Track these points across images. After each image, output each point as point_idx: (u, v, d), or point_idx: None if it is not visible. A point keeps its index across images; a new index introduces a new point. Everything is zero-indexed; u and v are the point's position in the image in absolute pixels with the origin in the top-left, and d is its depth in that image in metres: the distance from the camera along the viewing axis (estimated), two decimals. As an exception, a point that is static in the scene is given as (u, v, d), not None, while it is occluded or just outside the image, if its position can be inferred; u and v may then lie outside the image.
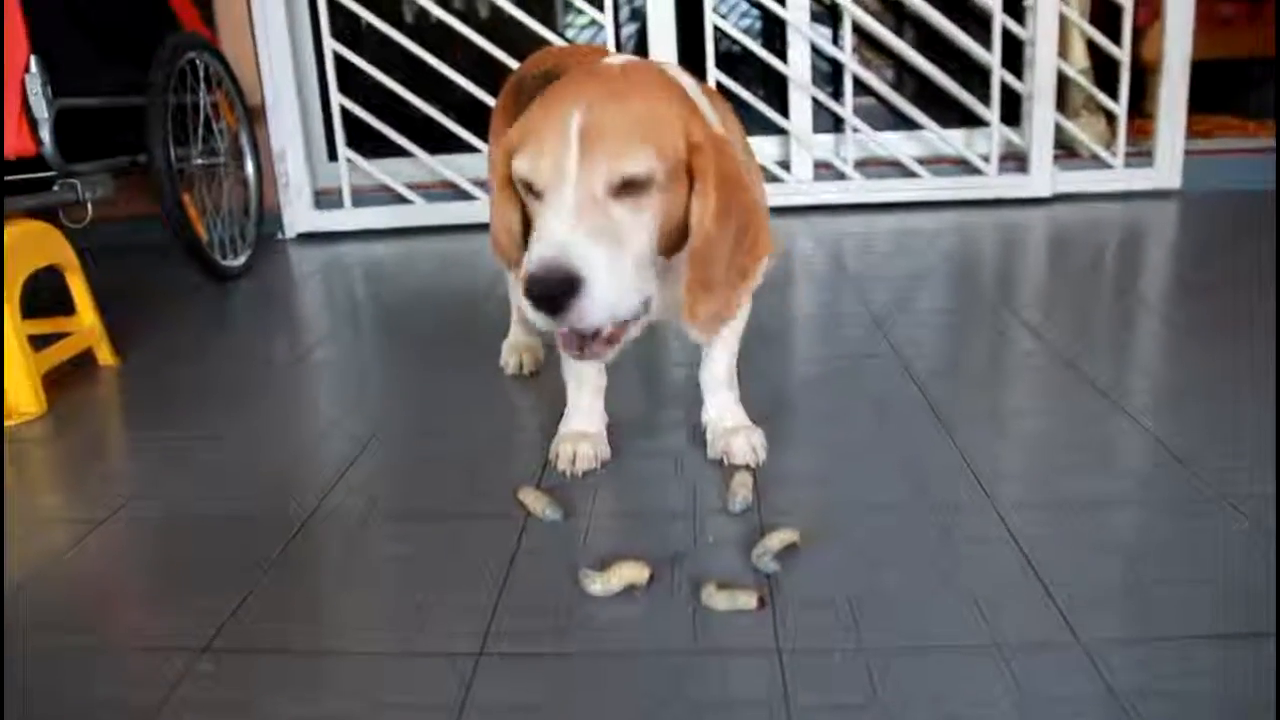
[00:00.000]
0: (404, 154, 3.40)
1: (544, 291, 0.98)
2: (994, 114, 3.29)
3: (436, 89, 3.35)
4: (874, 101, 3.46)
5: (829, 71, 3.54)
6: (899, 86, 3.47)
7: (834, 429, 1.48)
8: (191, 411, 1.70)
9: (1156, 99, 3.32)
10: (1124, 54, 3.25)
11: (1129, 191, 3.37)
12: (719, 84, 3.28)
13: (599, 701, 0.89)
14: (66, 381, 1.87)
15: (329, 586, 1.11)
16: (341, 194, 3.44)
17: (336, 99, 3.33)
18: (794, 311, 2.18)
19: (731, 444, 1.34)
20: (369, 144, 3.42)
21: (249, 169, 3.08)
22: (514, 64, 3.16)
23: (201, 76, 2.74)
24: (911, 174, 3.38)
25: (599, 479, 1.34)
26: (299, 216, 3.44)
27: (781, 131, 3.42)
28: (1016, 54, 3.31)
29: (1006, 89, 3.29)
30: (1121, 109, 3.30)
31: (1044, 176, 3.33)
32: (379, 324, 2.26)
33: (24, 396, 1.72)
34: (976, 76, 3.36)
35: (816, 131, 3.48)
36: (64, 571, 1.17)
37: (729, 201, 1.08)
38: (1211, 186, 3.37)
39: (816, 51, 3.40)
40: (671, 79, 1.16)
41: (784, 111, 3.40)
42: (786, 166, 3.44)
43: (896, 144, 3.43)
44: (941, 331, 1.96)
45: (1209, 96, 3.57)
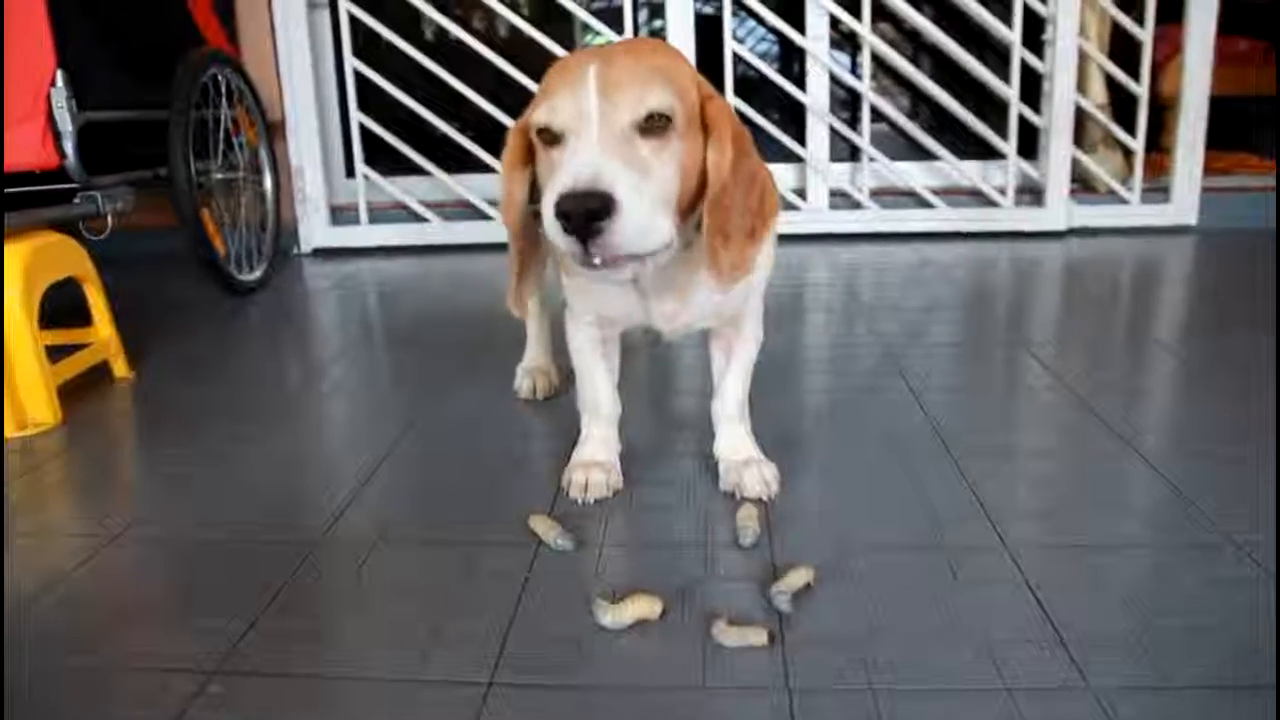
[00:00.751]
0: (421, 172, 3.42)
1: (577, 208, 0.97)
2: (1011, 147, 3.30)
3: (455, 108, 3.37)
4: (889, 129, 3.47)
5: (845, 99, 3.55)
6: (914, 115, 3.48)
7: (845, 463, 1.48)
8: (205, 428, 1.71)
9: (1174, 135, 3.33)
10: (1142, 89, 3.25)
11: (1145, 227, 3.37)
12: (737, 110, 3.29)
13: (607, 737, 0.88)
14: (82, 393, 1.88)
15: (339, 610, 1.11)
16: (358, 210, 3.46)
17: (356, 116, 3.36)
18: (807, 341, 2.19)
19: (744, 477, 1.34)
20: (386, 162, 3.45)
21: (267, 184, 3.10)
22: (532, 86, 3.18)
23: (223, 91, 2.76)
24: (927, 204, 3.39)
25: (611, 508, 1.34)
26: (315, 232, 3.46)
27: (798, 159, 3.43)
28: (1035, 87, 3.32)
29: (1024, 122, 3.30)
30: (1139, 144, 3.30)
31: (1060, 210, 3.33)
32: (393, 343, 2.27)
33: (40, 407, 1.73)
34: (994, 109, 3.37)
35: (833, 160, 3.49)
36: (75, 587, 1.17)
37: (741, 157, 1.12)
38: (1228, 224, 3.37)
39: (834, 79, 3.41)
40: (679, 51, 1.21)
41: (800, 139, 3.41)
42: (802, 195, 3.45)
43: (913, 174, 3.44)
44: (955, 365, 1.96)
45: (1226, 133, 3.57)
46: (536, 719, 0.91)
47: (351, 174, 3.49)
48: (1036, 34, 3.27)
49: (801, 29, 3.32)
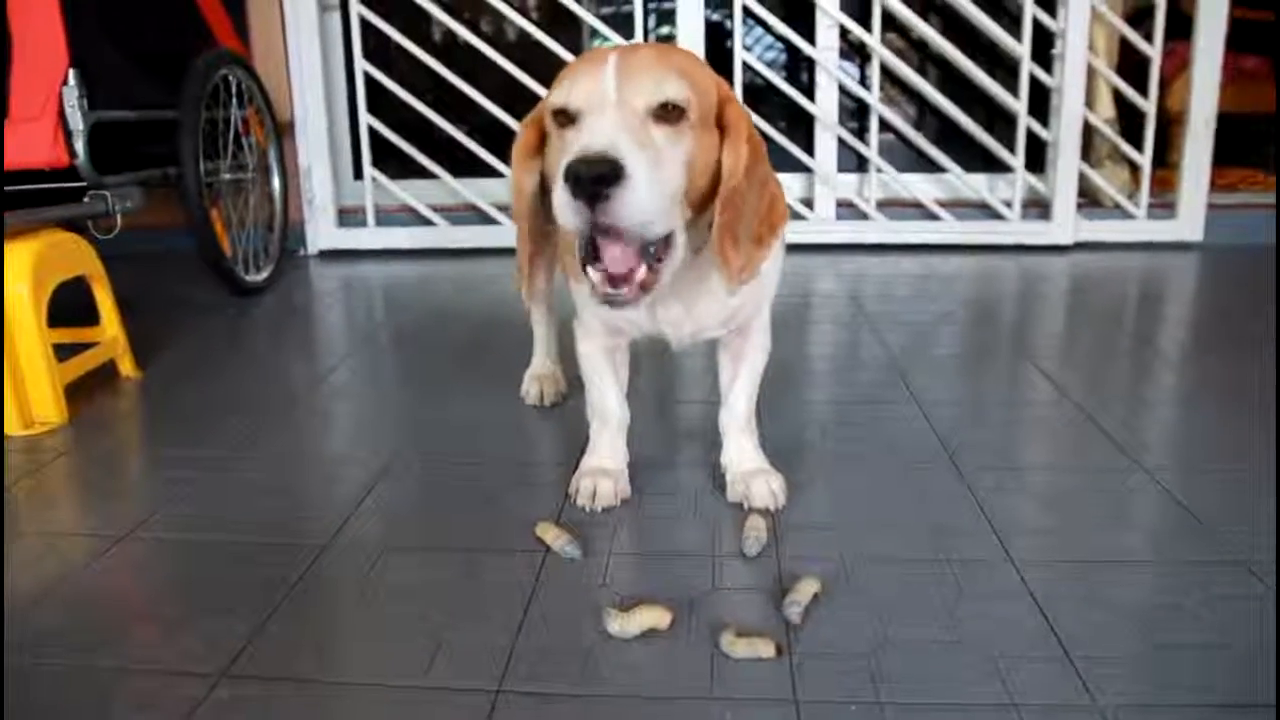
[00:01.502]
0: (429, 176, 3.42)
1: (587, 173, 0.97)
2: (1019, 160, 3.30)
3: (463, 112, 3.38)
4: (897, 140, 3.47)
5: (853, 108, 3.55)
6: (921, 126, 3.48)
7: (852, 475, 1.48)
8: (211, 429, 1.71)
9: (1180, 150, 3.33)
10: (1150, 105, 3.26)
11: (1151, 242, 3.37)
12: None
13: (615, 746, 0.89)
14: (89, 392, 1.89)
15: (347, 615, 1.11)
16: (365, 213, 3.46)
17: (365, 118, 3.36)
18: (813, 352, 2.19)
19: (751, 488, 1.34)
20: (394, 164, 3.45)
21: (275, 184, 3.11)
22: (541, 90, 3.19)
23: (234, 92, 2.77)
24: (934, 216, 3.39)
25: (618, 516, 1.34)
26: (322, 233, 3.47)
27: (805, 169, 3.43)
28: (1043, 101, 3.32)
29: (1031, 136, 3.30)
30: (1146, 160, 3.31)
31: (1066, 224, 3.33)
32: (399, 346, 2.27)
33: (46, 405, 1.73)
34: (1002, 122, 3.37)
35: (840, 170, 3.49)
36: (81, 588, 1.17)
37: (755, 161, 1.14)
38: (1233, 240, 3.37)
39: (842, 90, 3.42)
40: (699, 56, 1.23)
41: (808, 149, 3.42)
42: (810, 205, 3.45)
43: (920, 186, 3.44)
44: (961, 378, 1.96)
45: (1233, 150, 3.58)
46: (544, 727, 0.91)
47: (359, 176, 3.50)
48: (1045, 48, 3.28)
49: (810, 38, 3.32)
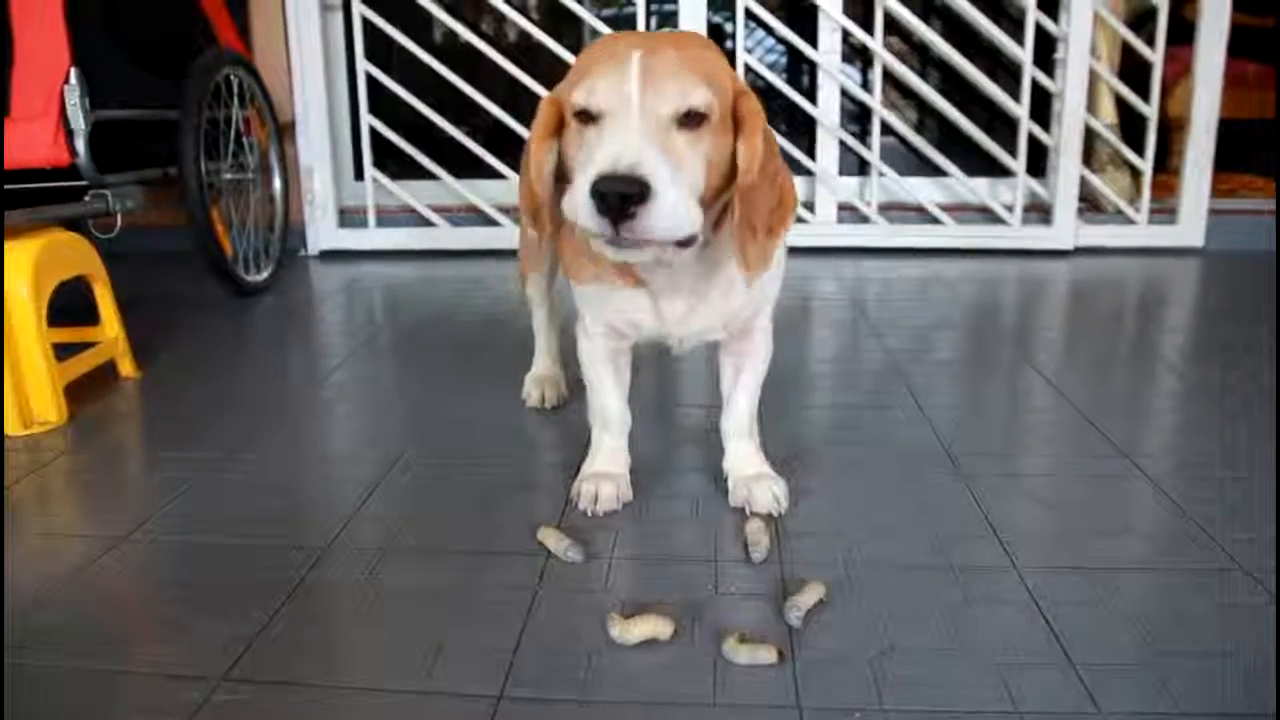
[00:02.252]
0: (430, 176, 3.42)
1: (614, 190, 0.98)
2: (1020, 164, 3.30)
3: (464, 113, 3.37)
4: (898, 143, 3.47)
5: (854, 112, 3.55)
6: (922, 130, 3.48)
7: (855, 481, 1.48)
8: (211, 430, 1.71)
9: (1182, 156, 3.33)
10: (1152, 110, 3.26)
11: (1151, 248, 3.37)
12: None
13: (617, 753, 0.88)
14: (88, 392, 1.88)
15: (348, 619, 1.11)
16: (366, 213, 3.46)
17: (366, 119, 3.36)
18: (814, 356, 2.18)
19: (754, 493, 1.34)
20: (395, 165, 3.45)
21: (276, 185, 3.10)
22: (542, 91, 3.19)
23: (235, 92, 2.76)
24: (935, 220, 3.39)
25: (620, 521, 1.33)
26: (323, 234, 3.46)
27: (807, 172, 3.43)
28: (1044, 106, 3.32)
29: (1033, 140, 3.30)
30: (1147, 165, 3.30)
31: (1067, 229, 3.33)
32: (399, 347, 2.27)
33: (46, 405, 1.72)
34: (1003, 126, 3.37)
35: (841, 174, 3.49)
36: (82, 589, 1.17)
37: (769, 155, 1.14)
38: (1234, 246, 3.37)
39: (844, 93, 3.41)
40: (714, 43, 1.23)
41: (809, 151, 3.42)
42: (811, 208, 3.45)
43: (921, 190, 3.44)
44: (962, 382, 1.96)
45: (1234, 156, 3.58)
46: (546, 733, 0.90)
47: (360, 177, 3.49)
48: (1047, 52, 3.28)
49: (812, 41, 3.32)
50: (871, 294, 2.79)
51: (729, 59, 3.23)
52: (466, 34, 3.30)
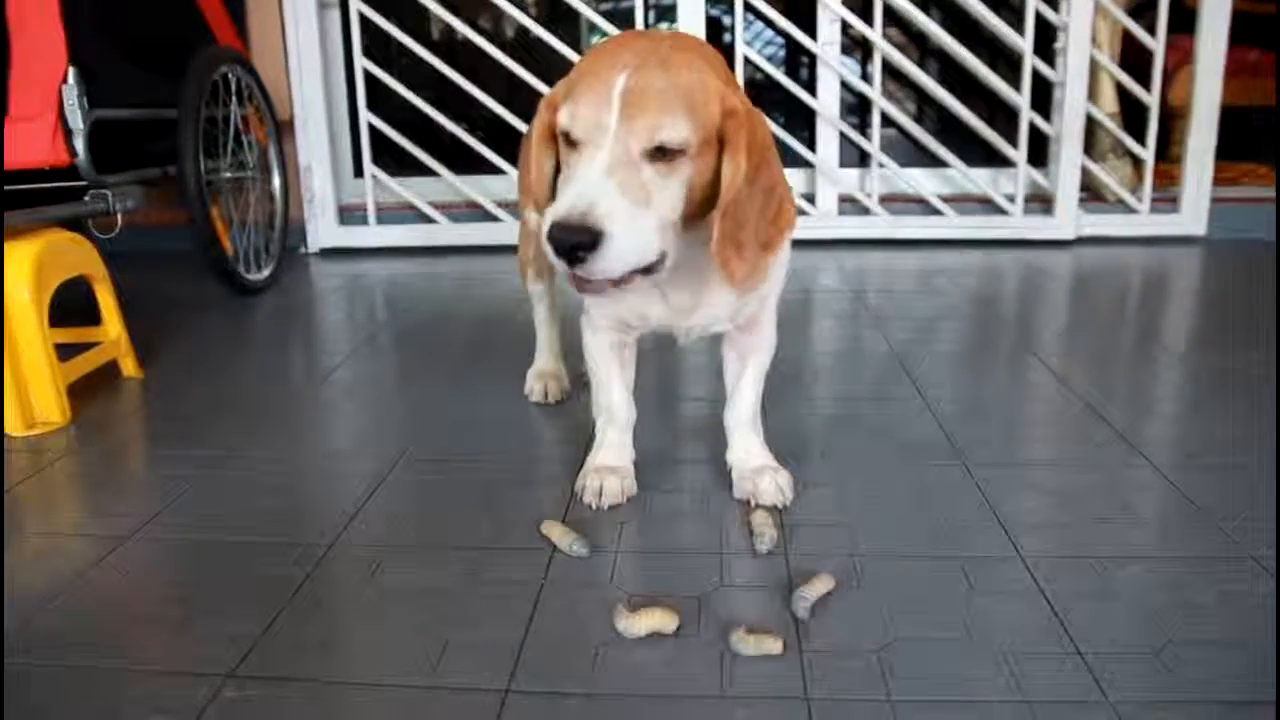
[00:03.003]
0: (429, 173, 3.41)
1: (564, 241, 1.02)
2: (1021, 154, 3.29)
3: (463, 109, 3.37)
4: (898, 134, 3.47)
5: (854, 103, 3.54)
6: (922, 121, 3.48)
7: (859, 472, 1.47)
8: (214, 429, 1.70)
9: (1183, 144, 3.32)
10: (1153, 98, 3.25)
11: (1154, 237, 3.36)
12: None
13: (625, 746, 0.88)
14: (91, 392, 1.88)
15: (354, 615, 1.11)
16: (366, 211, 3.46)
17: (365, 116, 3.35)
18: (817, 348, 2.18)
19: (759, 484, 1.34)
20: (395, 162, 3.44)
21: (276, 183, 3.10)
22: (541, 86, 3.18)
23: (233, 90, 2.76)
24: (936, 211, 3.38)
25: (625, 514, 1.33)
26: (323, 231, 3.46)
27: (807, 164, 3.43)
28: (1045, 95, 3.32)
29: (1034, 130, 3.29)
30: (1149, 154, 3.30)
31: (1069, 219, 3.32)
32: (401, 344, 2.27)
33: (49, 406, 1.72)
34: (1004, 116, 3.37)
35: (842, 165, 3.49)
36: (88, 589, 1.16)
37: (757, 169, 1.12)
38: (1236, 234, 3.36)
39: (844, 85, 3.41)
40: (715, 50, 1.20)
41: (809, 143, 3.41)
42: (811, 200, 3.45)
43: (922, 181, 3.43)
44: (965, 373, 1.96)
45: (1235, 144, 3.57)
46: (554, 727, 0.90)
47: (360, 174, 3.48)
48: (1047, 42, 3.27)
49: (811, 33, 3.31)
50: (873, 286, 2.78)
51: (728, 53, 3.22)
52: (465, 29, 3.30)
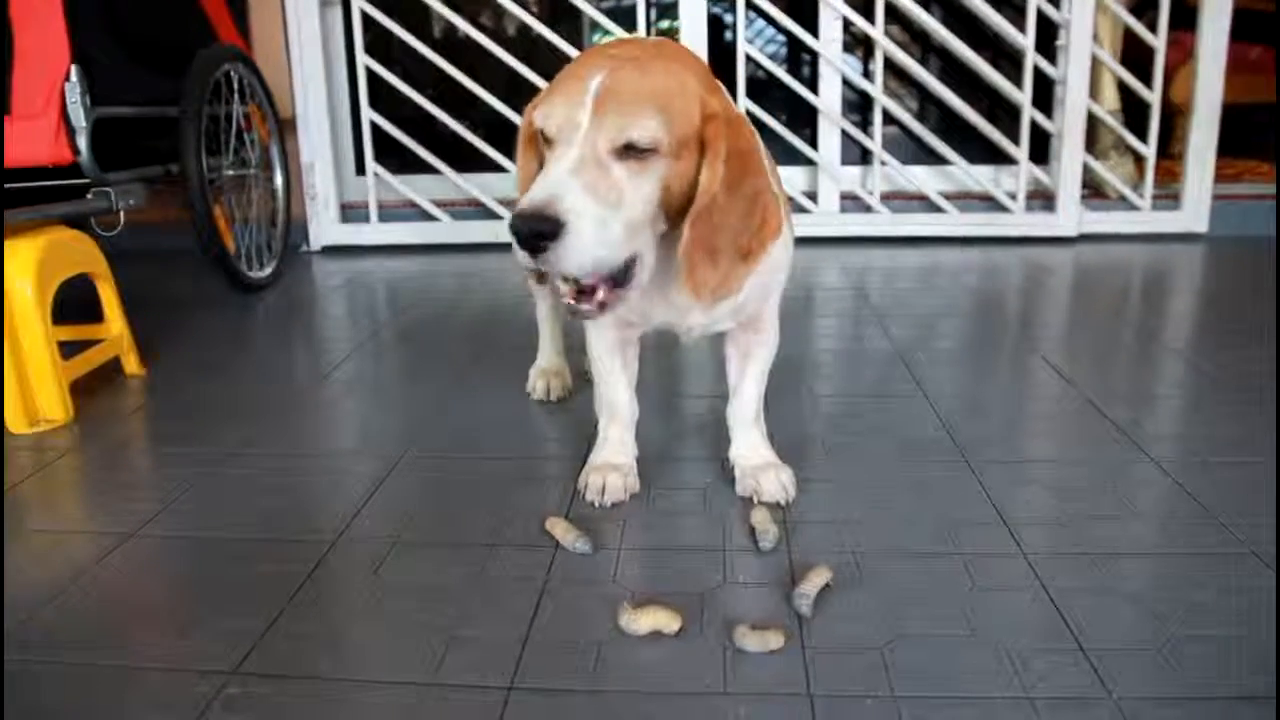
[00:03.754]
0: (431, 170, 3.41)
1: (524, 229, 1.02)
2: (1023, 152, 3.29)
3: (465, 107, 3.37)
4: (899, 132, 3.46)
5: (856, 101, 3.54)
6: (924, 118, 3.47)
7: (861, 469, 1.47)
8: (217, 426, 1.71)
9: (1185, 141, 3.32)
10: (1154, 95, 3.24)
11: (1155, 233, 3.36)
12: (748, 112, 3.29)
13: (629, 742, 0.88)
14: (94, 390, 1.88)
15: (357, 612, 1.11)
16: (368, 208, 3.46)
17: (367, 114, 3.35)
18: (819, 345, 2.18)
19: (761, 481, 1.34)
20: (397, 159, 3.44)
21: (278, 180, 3.10)
22: (542, 84, 3.18)
23: (235, 88, 2.76)
24: (938, 209, 3.38)
25: (628, 511, 1.33)
26: (325, 229, 3.46)
27: (809, 162, 3.43)
28: (1046, 92, 3.31)
29: (1035, 127, 3.29)
30: (1150, 151, 3.30)
31: (1071, 216, 3.32)
32: (403, 342, 2.27)
33: (51, 403, 1.72)
34: (1006, 113, 3.36)
35: (844, 163, 3.48)
36: (90, 587, 1.17)
37: (739, 175, 1.10)
38: (1238, 231, 3.36)
39: (845, 82, 3.40)
40: (700, 59, 1.19)
41: (811, 141, 3.41)
42: (813, 198, 3.44)
43: (924, 178, 3.43)
44: (967, 370, 1.96)
45: (1237, 140, 3.56)
46: (557, 724, 0.90)
47: (362, 171, 3.49)
48: (1049, 39, 3.26)
49: (812, 31, 3.31)
50: (875, 283, 2.78)
51: (730, 51, 3.22)
52: (466, 27, 3.29)
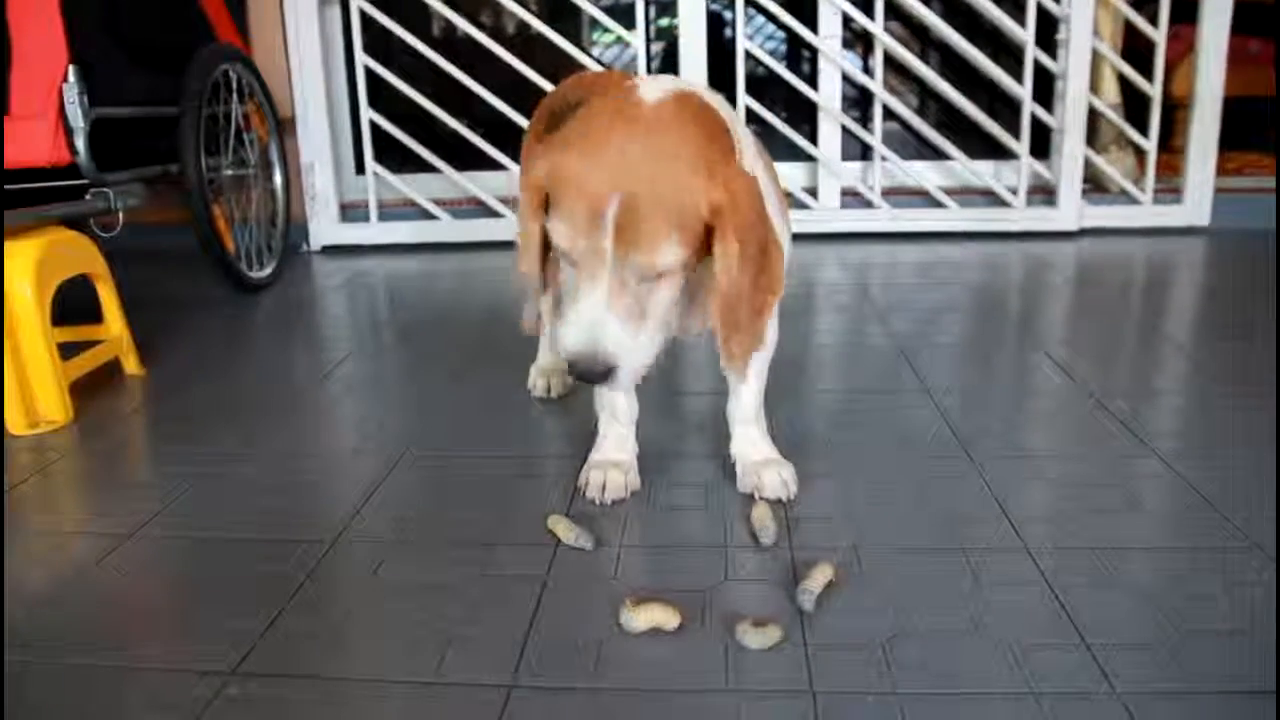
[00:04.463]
0: (431, 169, 3.41)
1: (583, 374, 1.10)
2: (1023, 146, 3.28)
3: (465, 105, 3.36)
4: (900, 128, 3.46)
5: (856, 97, 3.54)
6: (924, 113, 3.47)
7: (863, 464, 1.47)
8: (217, 426, 1.70)
9: (1186, 135, 3.31)
10: (1155, 89, 3.24)
11: (1157, 228, 3.35)
12: (747, 109, 3.29)
13: (630, 740, 0.88)
14: (93, 391, 1.88)
15: (357, 611, 1.10)
16: (368, 207, 3.45)
17: (366, 113, 3.35)
18: (820, 341, 2.18)
19: (762, 478, 1.33)
20: (396, 158, 3.44)
21: (277, 180, 3.09)
22: (542, 82, 3.18)
23: (234, 87, 2.75)
24: (938, 204, 3.38)
25: (629, 508, 1.33)
26: (324, 229, 3.46)
27: (809, 158, 3.42)
28: (1047, 86, 3.31)
29: (1036, 121, 3.28)
30: (1151, 145, 3.29)
31: (1072, 211, 3.31)
32: (404, 341, 2.26)
33: (51, 404, 1.72)
34: (1006, 108, 3.36)
35: (844, 158, 3.48)
36: (90, 587, 1.16)
37: (749, 247, 1.10)
38: (1240, 224, 3.35)
39: (845, 78, 3.40)
40: (706, 112, 1.15)
41: (811, 137, 3.40)
42: (814, 194, 3.44)
43: (924, 173, 3.43)
44: (968, 366, 1.95)
45: (1238, 134, 3.55)
46: (558, 722, 0.90)
47: (361, 171, 3.48)
48: (1049, 33, 3.26)
49: (812, 26, 3.30)
50: (876, 279, 2.78)
51: (729, 47, 3.20)
52: (465, 25, 3.29)
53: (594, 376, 1.10)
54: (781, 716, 0.90)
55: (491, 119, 3.33)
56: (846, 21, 3.32)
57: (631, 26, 3.30)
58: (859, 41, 3.52)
